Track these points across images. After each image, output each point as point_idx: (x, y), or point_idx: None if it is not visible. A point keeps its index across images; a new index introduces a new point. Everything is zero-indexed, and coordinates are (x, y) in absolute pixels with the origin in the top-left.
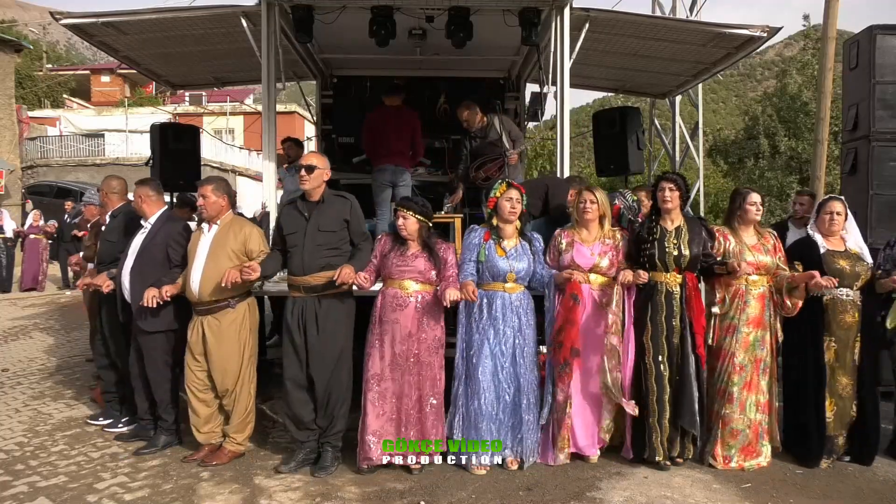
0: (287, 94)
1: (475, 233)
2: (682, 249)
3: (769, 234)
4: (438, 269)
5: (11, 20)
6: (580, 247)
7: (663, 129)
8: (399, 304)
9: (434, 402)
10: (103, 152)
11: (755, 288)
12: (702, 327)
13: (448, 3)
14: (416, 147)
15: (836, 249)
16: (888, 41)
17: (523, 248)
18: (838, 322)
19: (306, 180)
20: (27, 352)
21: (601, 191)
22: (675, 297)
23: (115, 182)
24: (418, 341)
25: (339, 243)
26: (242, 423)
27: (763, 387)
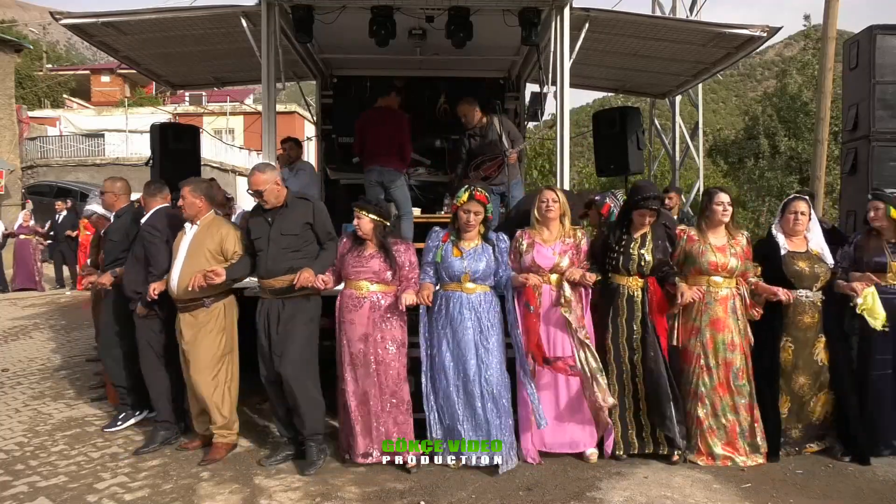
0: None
1: (435, 234)
2: (645, 256)
3: (741, 235)
4: (394, 270)
5: (11, 20)
6: (540, 247)
7: (663, 129)
8: (354, 304)
9: (394, 402)
10: (103, 152)
11: (717, 290)
12: (664, 329)
13: (448, 3)
14: (403, 149)
15: (796, 251)
16: (888, 41)
17: (484, 249)
18: (796, 323)
19: (264, 202)
20: (27, 352)
21: (562, 190)
22: (637, 300)
23: (121, 184)
24: (374, 342)
25: (302, 246)
26: (229, 420)
27: (739, 389)
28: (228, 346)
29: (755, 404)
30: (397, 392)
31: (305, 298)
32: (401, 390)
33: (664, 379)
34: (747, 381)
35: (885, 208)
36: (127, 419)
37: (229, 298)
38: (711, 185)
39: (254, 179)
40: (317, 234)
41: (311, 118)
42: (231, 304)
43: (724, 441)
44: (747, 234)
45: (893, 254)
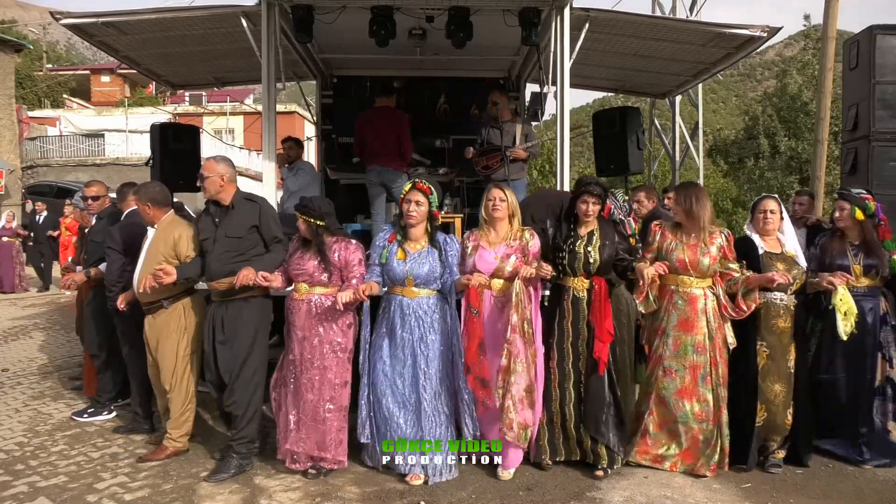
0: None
1: (382, 234)
2: (592, 255)
3: (720, 233)
4: (330, 272)
5: (11, 20)
6: (483, 251)
7: (663, 129)
8: (295, 307)
9: (331, 408)
10: (103, 152)
11: (687, 289)
12: (606, 333)
13: (448, 3)
14: (403, 148)
15: (773, 251)
16: (888, 41)
17: (429, 252)
18: (770, 327)
19: (204, 189)
20: (27, 352)
21: (510, 189)
22: (582, 302)
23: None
24: (311, 345)
25: (246, 249)
26: (177, 420)
27: (704, 395)
28: (189, 348)
29: (723, 413)
30: (335, 398)
31: (250, 299)
32: (339, 396)
33: (602, 383)
34: (714, 388)
35: (850, 209)
36: (94, 415)
37: (188, 299)
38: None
39: (206, 164)
40: (263, 238)
41: (311, 118)
42: (191, 305)
43: (680, 448)
44: (726, 233)
45: (856, 256)
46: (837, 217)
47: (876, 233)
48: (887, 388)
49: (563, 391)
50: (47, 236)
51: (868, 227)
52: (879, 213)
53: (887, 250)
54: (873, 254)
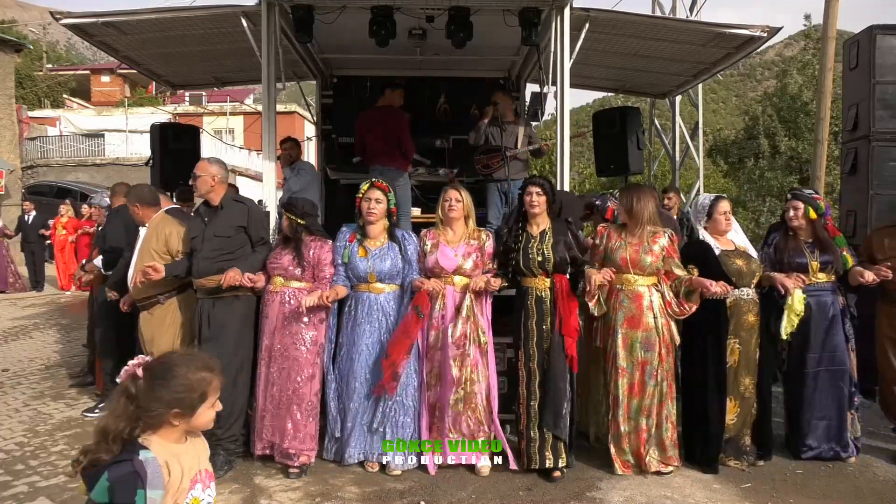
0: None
1: (342, 234)
2: (545, 254)
3: (664, 234)
4: (303, 267)
5: (11, 20)
6: (444, 248)
7: (663, 129)
8: (269, 299)
9: (297, 402)
10: (103, 152)
11: (631, 287)
12: (573, 329)
13: (448, 3)
14: (404, 147)
15: (728, 249)
16: (888, 41)
17: (390, 247)
18: (741, 323)
19: (195, 188)
20: (27, 352)
21: (465, 190)
22: (546, 301)
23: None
24: (282, 336)
25: (234, 248)
26: None
27: (651, 391)
28: (187, 341)
29: (664, 407)
30: (299, 390)
31: (236, 298)
32: (304, 389)
33: (564, 379)
34: (659, 382)
35: (804, 208)
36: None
37: (184, 294)
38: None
39: (199, 164)
40: (250, 238)
41: (311, 118)
42: (186, 301)
43: (634, 448)
44: (670, 233)
45: (812, 253)
46: (791, 217)
47: (826, 231)
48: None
49: (529, 391)
50: (39, 235)
51: (819, 225)
52: (828, 211)
53: (839, 246)
54: (828, 250)
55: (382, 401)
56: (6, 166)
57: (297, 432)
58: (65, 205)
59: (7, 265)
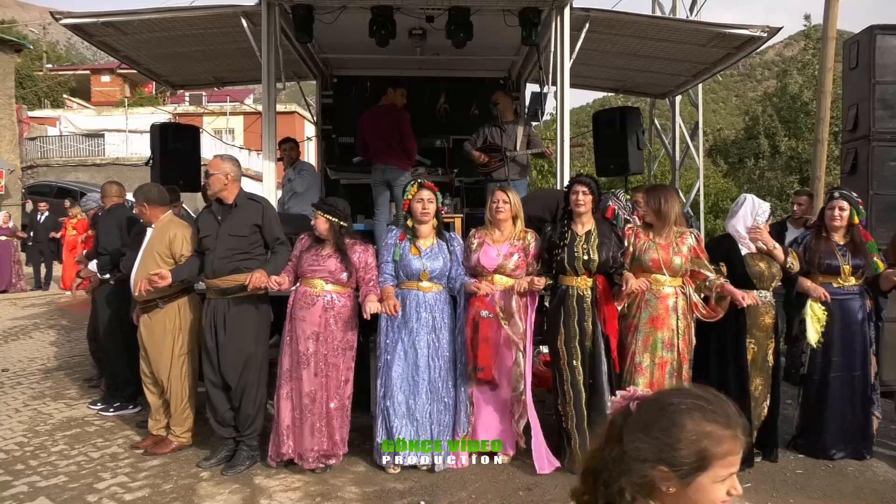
0: (287, 94)
1: (391, 234)
2: (591, 254)
3: (690, 234)
4: (350, 272)
5: (11, 20)
6: (488, 248)
7: (663, 129)
8: (308, 302)
9: (334, 406)
10: (103, 152)
11: (659, 287)
12: (615, 330)
13: (448, 3)
14: (406, 146)
15: (755, 252)
16: (888, 41)
17: (440, 247)
18: (758, 324)
19: (208, 185)
20: (27, 352)
21: (514, 191)
22: (587, 300)
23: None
24: (325, 341)
25: (249, 248)
26: (179, 416)
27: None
28: (186, 348)
29: None
30: (341, 396)
31: (252, 299)
32: (343, 393)
33: (604, 381)
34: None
35: (850, 210)
36: (120, 409)
37: (184, 299)
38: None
39: (212, 162)
40: (264, 238)
41: (311, 118)
42: (186, 304)
43: None
44: (696, 233)
45: (844, 256)
46: (835, 216)
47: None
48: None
49: (575, 390)
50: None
51: (856, 228)
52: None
53: (871, 251)
54: (861, 254)
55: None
56: (6, 166)
57: (340, 436)
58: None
59: (12, 265)
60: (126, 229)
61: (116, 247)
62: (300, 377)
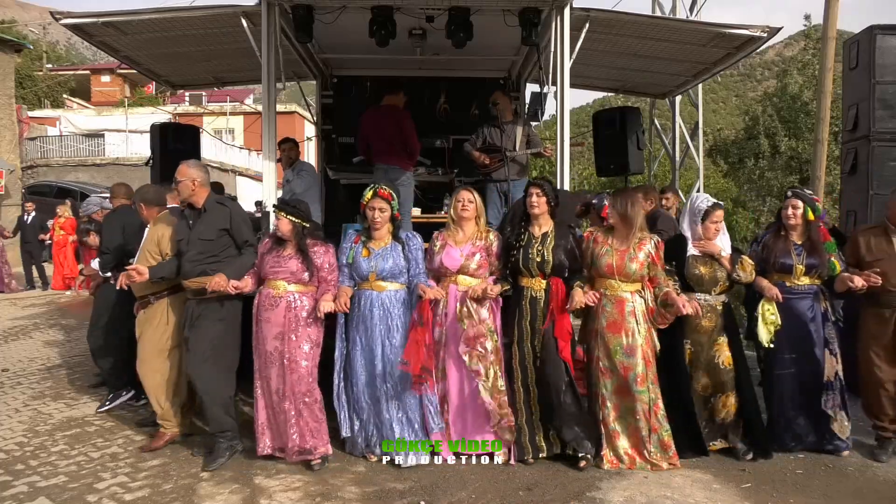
0: (287, 94)
1: (348, 236)
2: (545, 256)
3: (650, 240)
4: (311, 271)
5: (11, 20)
6: (450, 249)
7: (663, 129)
8: (271, 303)
9: (307, 401)
10: (103, 152)
11: (614, 293)
12: (567, 332)
13: (448, 3)
14: (410, 147)
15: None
16: (888, 41)
17: (393, 248)
18: (695, 327)
19: (176, 192)
20: (27, 352)
21: (476, 191)
22: (540, 302)
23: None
24: (289, 340)
25: (217, 251)
26: (168, 411)
27: (638, 396)
28: (171, 343)
29: (658, 410)
30: (310, 391)
31: (221, 299)
32: (313, 389)
33: (558, 383)
34: (647, 388)
35: (804, 208)
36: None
37: (174, 297)
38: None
39: (180, 168)
40: (234, 241)
41: (311, 118)
42: (176, 303)
43: (629, 444)
44: (656, 240)
45: (799, 255)
46: (789, 215)
47: (819, 234)
48: (835, 381)
49: (525, 389)
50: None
51: (814, 227)
52: (823, 215)
53: (828, 251)
54: (816, 254)
55: (387, 397)
56: (6, 166)
57: (311, 429)
58: (63, 205)
59: (2, 266)
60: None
61: (118, 245)
62: (269, 376)
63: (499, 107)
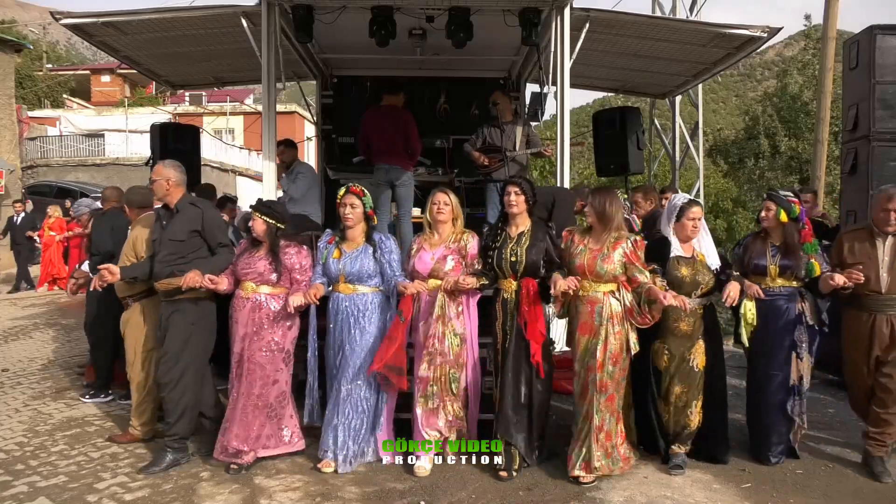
0: (287, 94)
1: (325, 236)
2: (518, 255)
3: (626, 239)
4: (280, 272)
5: (11, 20)
6: (423, 253)
7: (663, 129)
8: (240, 304)
9: (273, 403)
10: (103, 152)
11: (586, 293)
12: (537, 334)
13: (448, 3)
14: (411, 146)
15: (685, 255)
16: (888, 41)
17: (364, 250)
18: (673, 330)
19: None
20: (27, 352)
21: (454, 193)
22: (511, 303)
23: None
24: (251, 342)
25: (187, 252)
26: (137, 409)
27: (591, 398)
28: (148, 345)
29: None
30: (264, 395)
31: (190, 301)
32: (269, 394)
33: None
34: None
35: (776, 210)
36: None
37: (149, 299)
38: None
39: (156, 168)
40: (207, 242)
41: (311, 118)
42: (151, 306)
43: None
44: (633, 238)
45: (774, 257)
46: (762, 217)
47: (798, 236)
48: (800, 386)
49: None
50: (26, 237)
51: (790, 229)
52: (803, 216)
53: (807, 253)
54: (791, 255)
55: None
56: (6, 166)
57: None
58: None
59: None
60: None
61: (108, 249)
62: (240, 376)
63: (499, 107)
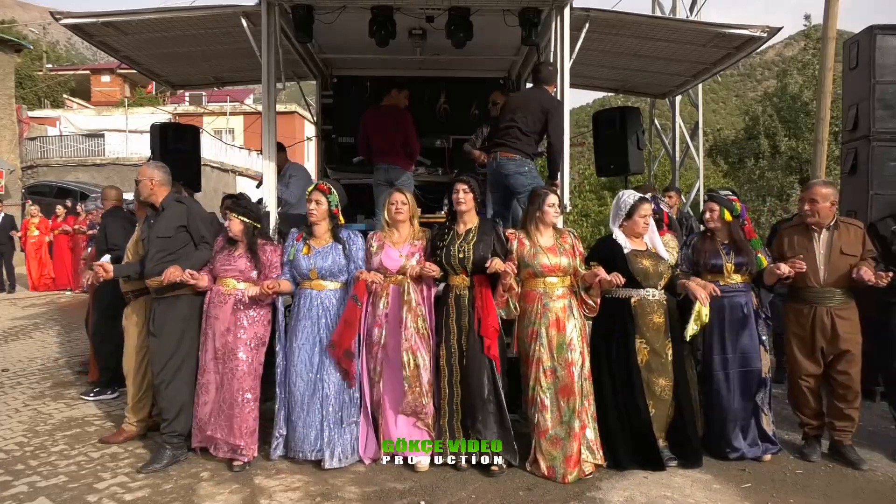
0: (287, 94)
1: (292, 234)
2: (466, 252)
3: (568, 233)
4: (259, 270)
5: (11, 20)
6: (389, 249)
7: (663, 129)
8: (220, 301)
9: (249, 397)
10: (103, 152)
11: (553, 290)
12: (491, 330)
13: (448, 3)
14: (410, 147)
15: (638, 249)
16: (888, 41)
17: (333, 247)
18: (647, 323)
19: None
20: (27, 352)
21: (410, 192)
22: (464, 299)
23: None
24: (235, 337)
25: (175, 248)
26: (134, 406)
27: (579, 390)
28: (137, 341)
29: (589, 408)
30: (253, 387)
31: (177, 298)
32: (255, 386)
33: (481, 383)
34: (582, 383)
35: (720, 210)
36: (100, 394)
37: (142, 299)
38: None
39: (140, 169)
40: (192, 237)
41: (311, 118)
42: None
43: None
44: (574, 233)
45: (727, 254)
46: (708, 218)
47: (743, 232)
48: (767, 378)
49: (451, 389)
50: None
51: (735, 227)
52: (744, 213)
53: (754, 248)
54: (743, 252)
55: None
56: (6, 166)
57: (248, 428)
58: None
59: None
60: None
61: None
62: (214, 371)
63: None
